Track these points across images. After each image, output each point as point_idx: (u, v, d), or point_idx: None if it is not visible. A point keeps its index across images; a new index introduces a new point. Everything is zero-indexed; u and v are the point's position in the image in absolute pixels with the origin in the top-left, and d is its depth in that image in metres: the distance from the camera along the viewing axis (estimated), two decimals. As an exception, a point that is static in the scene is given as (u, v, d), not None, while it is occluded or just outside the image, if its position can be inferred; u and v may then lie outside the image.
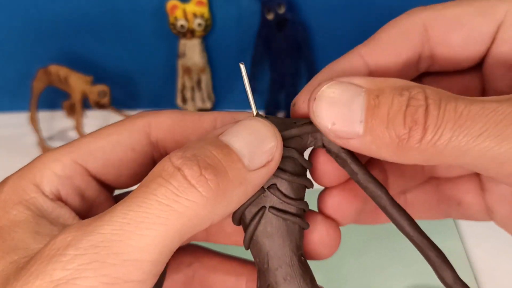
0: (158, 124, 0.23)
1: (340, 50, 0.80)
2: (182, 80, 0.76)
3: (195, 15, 0.71)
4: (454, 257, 0.21)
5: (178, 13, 0.71)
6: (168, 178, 0.18)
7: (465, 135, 0.18)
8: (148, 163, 0.23)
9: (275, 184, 0.22)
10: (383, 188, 0.22)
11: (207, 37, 0.74)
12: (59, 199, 0.22)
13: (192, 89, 0.76)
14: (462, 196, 0.27)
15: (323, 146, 0.23)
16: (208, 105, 0.77)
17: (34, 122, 0.73)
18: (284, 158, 0.21)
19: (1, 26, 0.75)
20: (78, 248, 0.18)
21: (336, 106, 0.20)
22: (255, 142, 0.20)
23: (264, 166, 0.20)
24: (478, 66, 0.25)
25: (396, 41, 0.24)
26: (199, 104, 0.77)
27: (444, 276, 0.20)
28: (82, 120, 0.71)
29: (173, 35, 0.73)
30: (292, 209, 0.22)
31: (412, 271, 0.51)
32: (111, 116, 0.79)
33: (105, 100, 0.69)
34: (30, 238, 0.20)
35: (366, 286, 0.52)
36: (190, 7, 0.71)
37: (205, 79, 0.76)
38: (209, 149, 0.19)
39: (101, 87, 0.69)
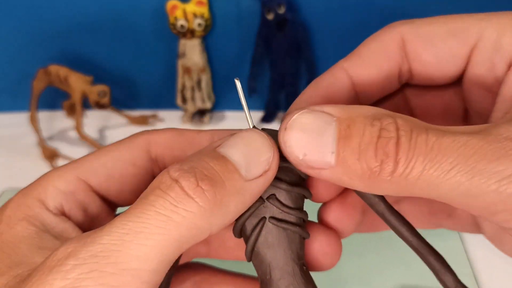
0: (157, 141, 0.24)
1: (340, 50, 0.81)
2: (182, 80, 0.76)
3: (195, 15, 0.71)
4: (454, 257, 0.21)
5: (178, 13, 0.71)
6: (166, 189, 0.18)
7: (436, 169, 0.18)
8: (148, 179, 0.24)
9: (274, 194, 0.22)
10: (380, 196, 0.22)
11: (207, 37, 0.74)
12: (62, 214, 0.23)
13: (192, 89, 0.76)
14: (453, 208, 0.27)
15: None
16: (208, 105, 0.77)
17: (34, 122, 0.73)
18: (281, 168, 0.22)
19: (1, 26, 0.75)
20: (78, 258, 0.18)
21: (307, 135, 0.20)
22: (251, 152, 0.20)
23: (261, 175, 0.20)
24: (460, 82, 0.25)
25: (377, 54, 0.24)
26: (199, 104, 0.77)
27: (445, 280, 0.21)
28: (82, 120, 0.71)
29: (173, 35, 0.73)
30: (292, 218, 0.22)
31: (411, 272, 0.51)
32: (111, 116, 0.79)
33: (105, 100, 0.69)
34: (34, 253, 0.20)
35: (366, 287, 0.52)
36: (190, 7, 0.71)
37: (205, 79, 0.76)
38: (206, 160, 0.19)
39: (101, 87, 0.69)
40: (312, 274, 0.23)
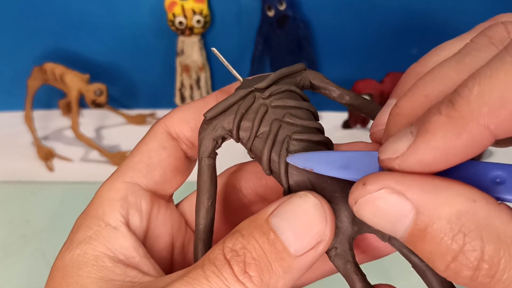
0: (172, 121, 0.26)
1: (342, 47, 0.80)
2: (180, 78, 0.76)
3: (194, 12, 0.71)
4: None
5: (177, 9, 0.71)
6: (220, 268, 0.20)
7: None
8: (180, 155, 0.26)
9: (288, 113, 0.23)
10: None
11: (206, 34, 0.75)
12: (127, 222, 0.24)
13: (191, 88, 0.76)
14: None
15: (310, 83, 0.24)
16: (207, 103, 0.77)
17: (29, 121, 0.73)
18: (285, 92, 0.23)
19: (-4, 23, 0.75)
20: None
21: (380, 219, 0.19)
22: (303, 225, 0.21)
23: (312, 248, 0.20)
24: None
25: None
26: (198, 102, 0.77)
27: None
28: (79, 119, 0.71)
29: (172, 32, 0.74)
30: (311, 130, 0.23)
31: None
32: (108, 115, 0.79)
33: (102, 98, 0.70)
34: (92, 284, 0.22)
35: None
36: (189, 4, 0.71)
37: (204, 77, 0.76)
38: (257, 238, 0.21)
39: (97, 86, 0.69)
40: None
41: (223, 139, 0.24)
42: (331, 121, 0.73)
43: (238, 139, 0.23)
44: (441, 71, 0.20)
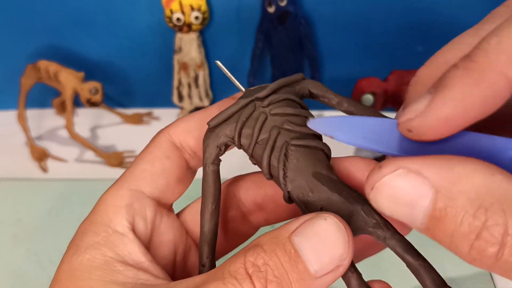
0: (175, 131, 0.27)
1: (344, 44, 0.80)
2: (178, 76, 0.76)
3: (192, 8, 0.72)
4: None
5: (174, 5, 0.72)
6: (242, 282, 0.21)
7: None
8: (184, 165, 0.27)
9: (286, 120, 0.24)
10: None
11: (205, 31, 0.75)
12: (133, 229, 0.25)
13: (189, 86, 0.77)
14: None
15: (309, 92, 0.26)
16: (206, 102, 0.77)
17: (22, 120, 0.73)
18: (284, 100, 0.25)
19: (-12, 20, 0.75)
20: None
21: (397, 204, 0.19)
22: (325, 248, 0.21)
23: (331, 271, 0.21)
24: None
25: None
26: (196, 101, 0.77)
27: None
28: (73, 118, 0.71)
29: (169, 29, 0.74)
30: (308, 136, 0.24)
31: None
32: (103, 115, 0.80)
33: (97, 97, 0.70)
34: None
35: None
36: (187, 0, 0.71)
37: (203, 75, 0.76)
38: (279, 255, 0.21)
39: (93, 84, 0.69)
40: None
41: (226, 146, 0.26)
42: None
43: (240, 146, 0.25)
44: (459, 39, 0.20)
